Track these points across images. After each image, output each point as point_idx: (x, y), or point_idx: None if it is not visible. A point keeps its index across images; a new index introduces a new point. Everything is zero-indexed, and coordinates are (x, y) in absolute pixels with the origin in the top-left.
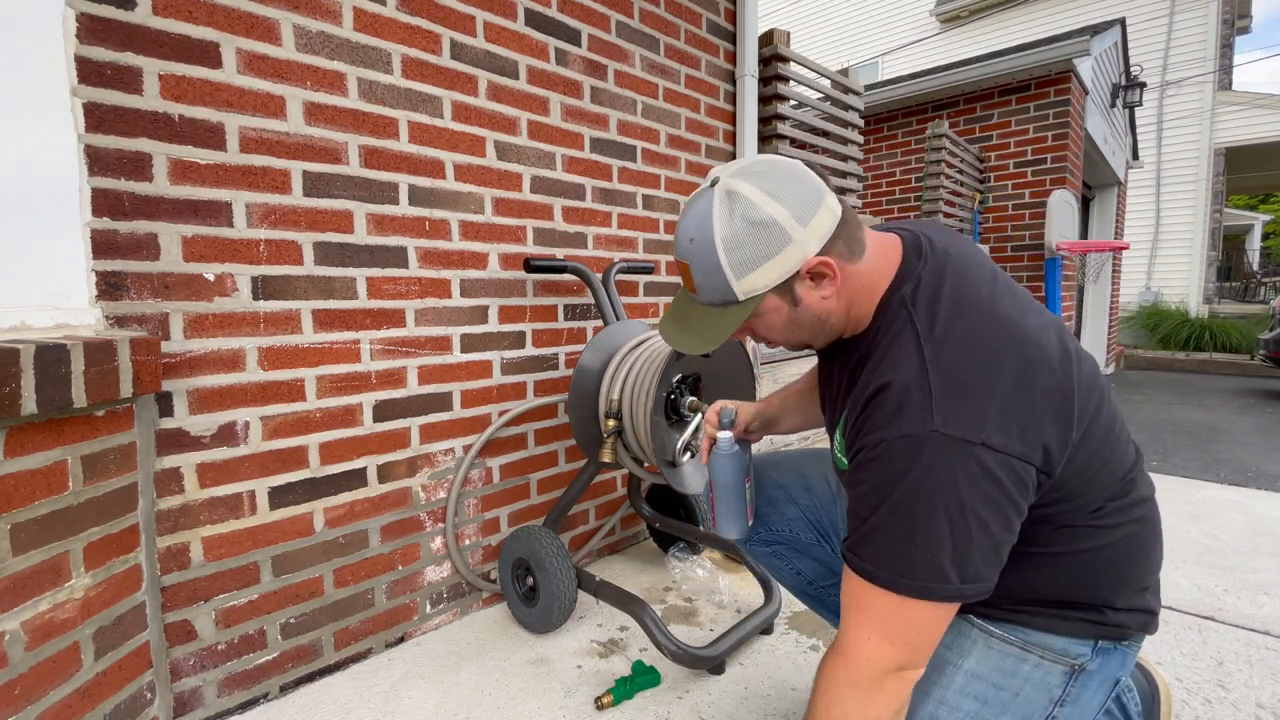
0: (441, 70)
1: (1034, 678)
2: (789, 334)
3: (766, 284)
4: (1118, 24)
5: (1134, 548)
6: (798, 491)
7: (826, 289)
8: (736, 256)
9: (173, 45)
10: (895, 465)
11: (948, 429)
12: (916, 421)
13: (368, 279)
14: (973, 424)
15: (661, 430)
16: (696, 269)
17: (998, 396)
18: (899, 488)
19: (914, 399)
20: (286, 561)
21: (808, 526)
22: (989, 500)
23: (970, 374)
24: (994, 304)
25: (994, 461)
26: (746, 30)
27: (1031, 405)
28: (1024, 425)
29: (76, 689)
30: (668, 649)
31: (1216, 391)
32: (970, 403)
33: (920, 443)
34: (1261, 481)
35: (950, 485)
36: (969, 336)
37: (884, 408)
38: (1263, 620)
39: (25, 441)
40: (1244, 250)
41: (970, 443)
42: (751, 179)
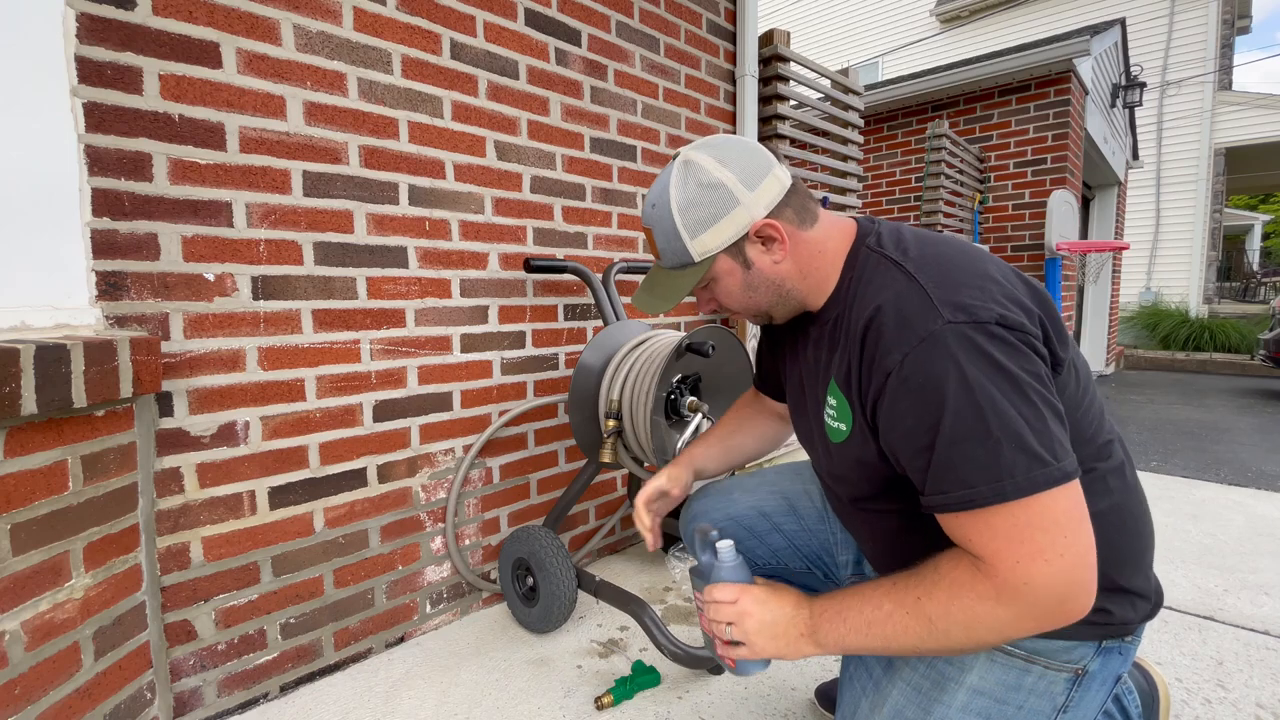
0: (441, 70)
1: (1038, 688)
2: (747, 298)
3: (718, 244)
4: (1118, 24)
5: (1127, 517)
6: (782, 517)
7: (776, 253)
8: (690, 217)
9: (173, 45)
10: (932, 370)
11: (958, 317)
12: (926, 321)
13: (368, 279)
14: (980, 307)
15: (661, 430)
16: (658, 233)
17: (989, 284)
18: (947, 390)
19: (913, 304)
20: (286, 561)
21: (795, 555)
22: (1031, 374)
23: (958, 272)
24: (959, 239)
25: (1015, 337)
26: (746, 30)
27: (1017, 289)
28: (1021, 304)
29: (76, 689)
30: (668, 649)
31: (1216, 391)
32: (968, 291)
33: (941, 338)
34: (1261, 481)
35: (992, 366)
36: (943, 252)
37: (886, 327)
38: (1263, 620)
39: (25, 441)
40: (1244, 250)
41: (985, 322)
42: (705, 149)
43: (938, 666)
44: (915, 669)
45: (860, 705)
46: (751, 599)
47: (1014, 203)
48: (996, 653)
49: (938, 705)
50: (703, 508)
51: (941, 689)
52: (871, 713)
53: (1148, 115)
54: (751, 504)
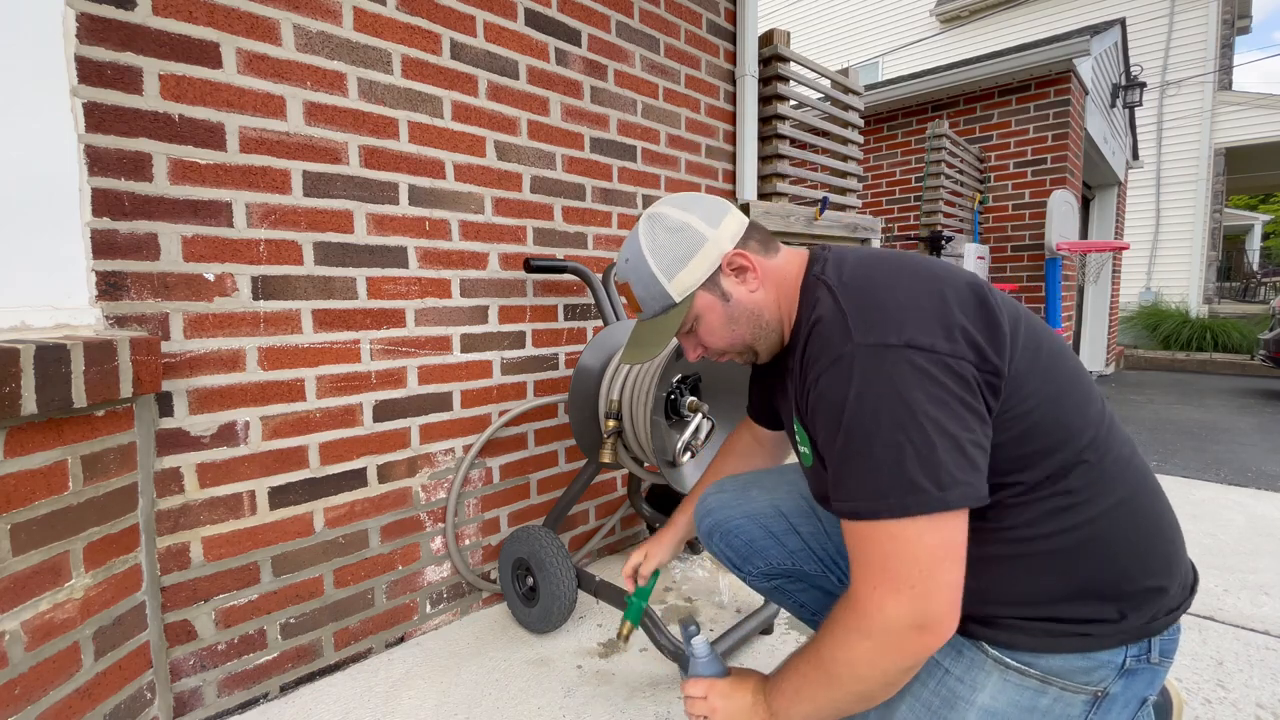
0: (441, 70)
1: (1054, 710)
2: (730, 332)
3: (694, 280)
4: (1118, 24)
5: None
6: (799, 519)
7: (750, 281)
8: (663, 259)
9: (173, 45)
10: (834, 391)
11: (867, 339)
12: (840, 343)
13: (368, 279)
14: (891, 330)
15: (661, 430)
16: (635, 283)
17: (912, 305)
18: (845, 411)
19: (833, 325)
20: (286, 561)
21: (811, 557)
22: (933, 398)
23: (880, 294)
24: (905, 256)
25: (924, 360)
26: (746, 30)
27: (948, 309)
28: (946, 324)
29: (76, 689)
30: (668, 649)
31: (1216, 391)
32: (884, 312)
33: (850, 360)
34: (1261, 481)
35: (889, 391)
36: (875, 272)
37: (811, 350)
38: (1263, 620)
39: (25, 441)
40: (1244, 250)
41: (893, 346)
42: (665, 204)
43: (948, 684)
44: (925, 686)
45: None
46: (718, 694)
47: (1014, 203)
48: (1010, 673)
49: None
50: (720, 503)
51: (952, 707)
52: None
53: (1148, 115)
54: (770, 502)
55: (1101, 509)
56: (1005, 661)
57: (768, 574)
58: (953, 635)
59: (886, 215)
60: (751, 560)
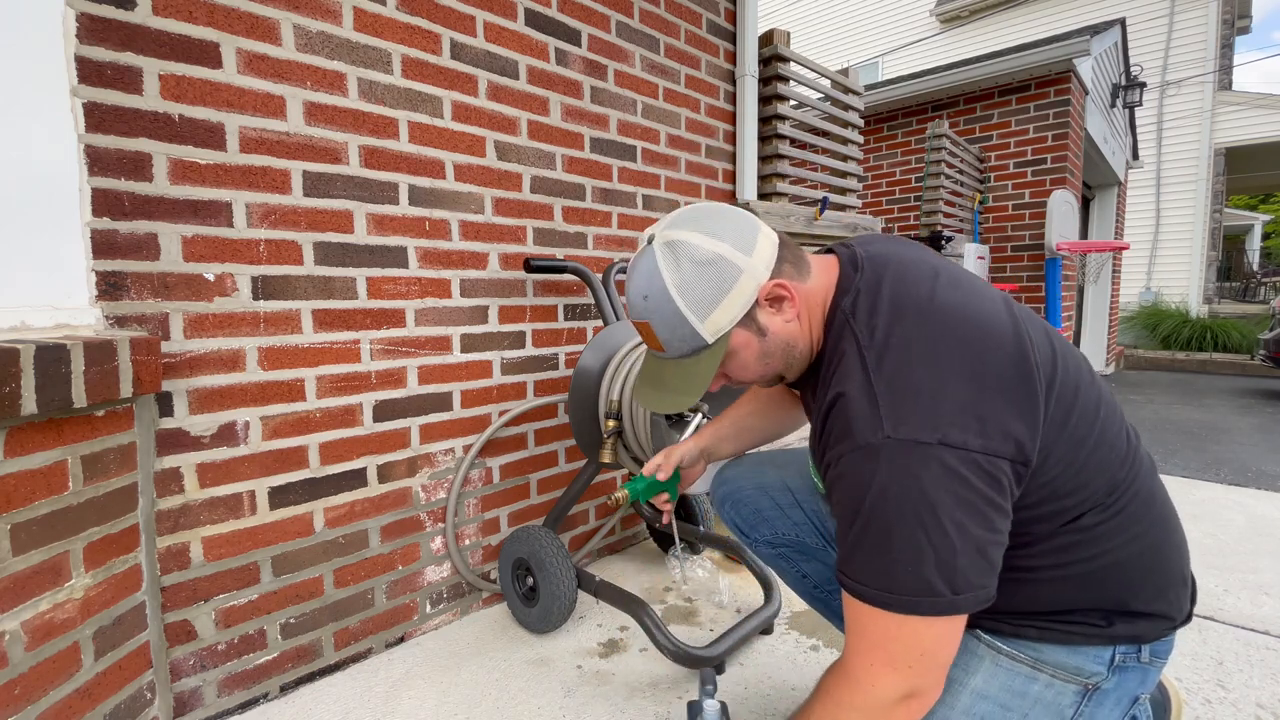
0: (441, 70)
1: (1044, 698)
2: (763, 368)
3: (730, 319)
4: (1118, 24)
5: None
6: (805, 494)
7: (788, 312)
8: (692, 298)
9: (173, 45)
10: (858, 479)
11: (899, 434)
12: (868, 431)
13: (368, 279)
14: (925, 425)
15: (662, 430)
16: (658, 324)
17: (949, 394)
18: (866, 501)
19: (862, 409)
20: (286, 561)
21: (813, 531)
22: (961, 501)
23: (916, 376)
24: (933, 300)
25: (956, 459)
26: (746, 30)
27: (988, 396)
28: (983, 417)
29: (76, 689)
30: (668, 649)
31: (1216, 391)
32: (920, 404)
33: (875, 452)
34: (1261, 481)
35: (915, 491)
36: (909, 339)
37: (838, 422)
38: (1263, 620)
39: (25, 441)
40: (1244, 250)
41: (926, 444)
42: (685, 225)
43: None
44: None
45: None
46: None
47: (1014, 203)
48: (1002, 658)
49: (941, 706)
50: (735, 474)
51: (946, 690)
52: None
53: (1148, 115)
54: (780, 478)
55: (1111, 546)
56: (998, 647)
57: (772, 542)
58: None
59: (886, 215)
60: (758, 528)
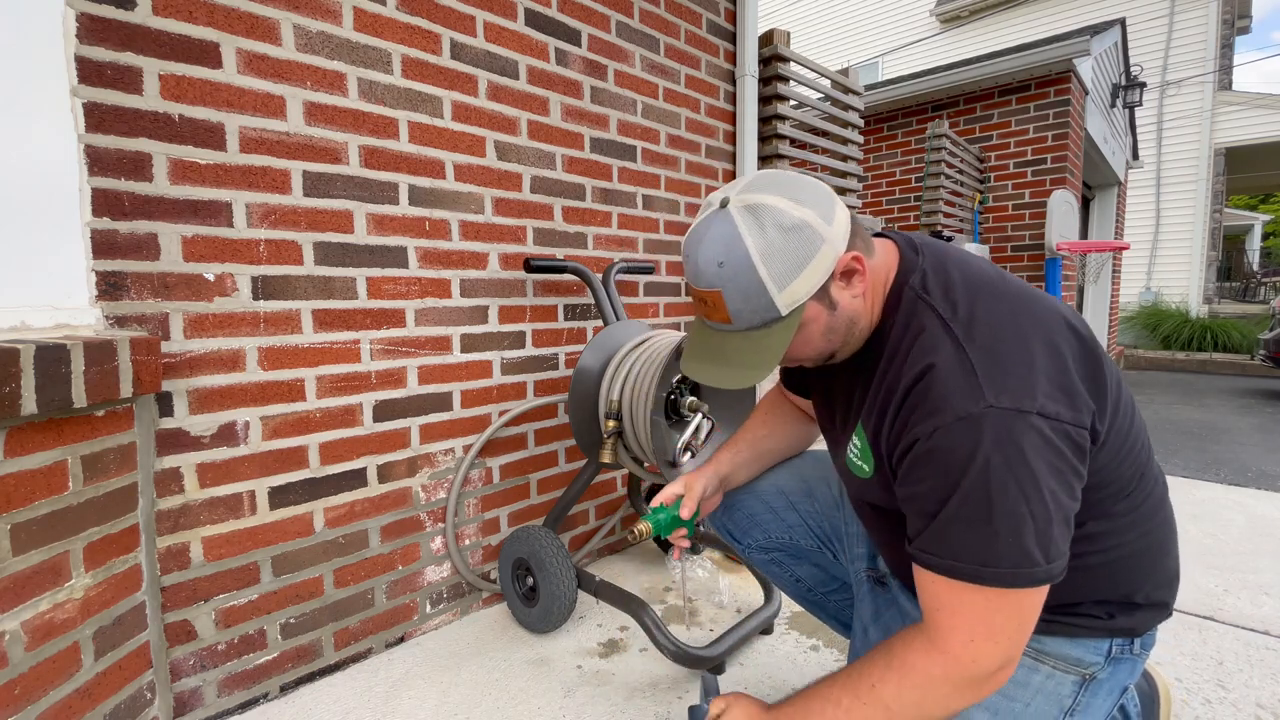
0: (441, 70)
1: (1045, 688)
2: (824, 344)
3: (808, 291)
4: (1118, 24)
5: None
6: (798, 497)
7: (857, 287)
8: (776, 268)
9: (173, 45)
10: (958, 450)
11: (1001, 402)
12: (969, 400)
13: (368, 279)
14: (1025, 394)
15: (661, 430)
16: (732, 292)
17: (1039, 366)
18: (968, 473)
19: (960, 378)
20: (286, 561)
21: (808, 533)
22: (1054, 470)
23: (1007, 348)
24: (1004, 280)
25: (1051, 430)
26: (746, 30)
27: (1069, 373)
28: (1069, 391)
29: (76, 689)
30: (668, 649)
31: (1216, 391)
32: (1017, 373)
33: (979, 421)
34: (1261, 481)
35: (1018, 460)
36: (993, 314)
37: (930, 394)
38: (1263, 620)
39: (25, 441)
40: (1244, 250)
41: (1026, 413)
42: (767, 190)
43: None
44: None
45: None
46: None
47: (1014, 203)
48: None
49: None
50: None
51: None
52: None
53: (1148, 115)
54: (772, 482)
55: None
56: None
57: (765, 547)
58: None
59: (886, 215)
60: (750, 533)
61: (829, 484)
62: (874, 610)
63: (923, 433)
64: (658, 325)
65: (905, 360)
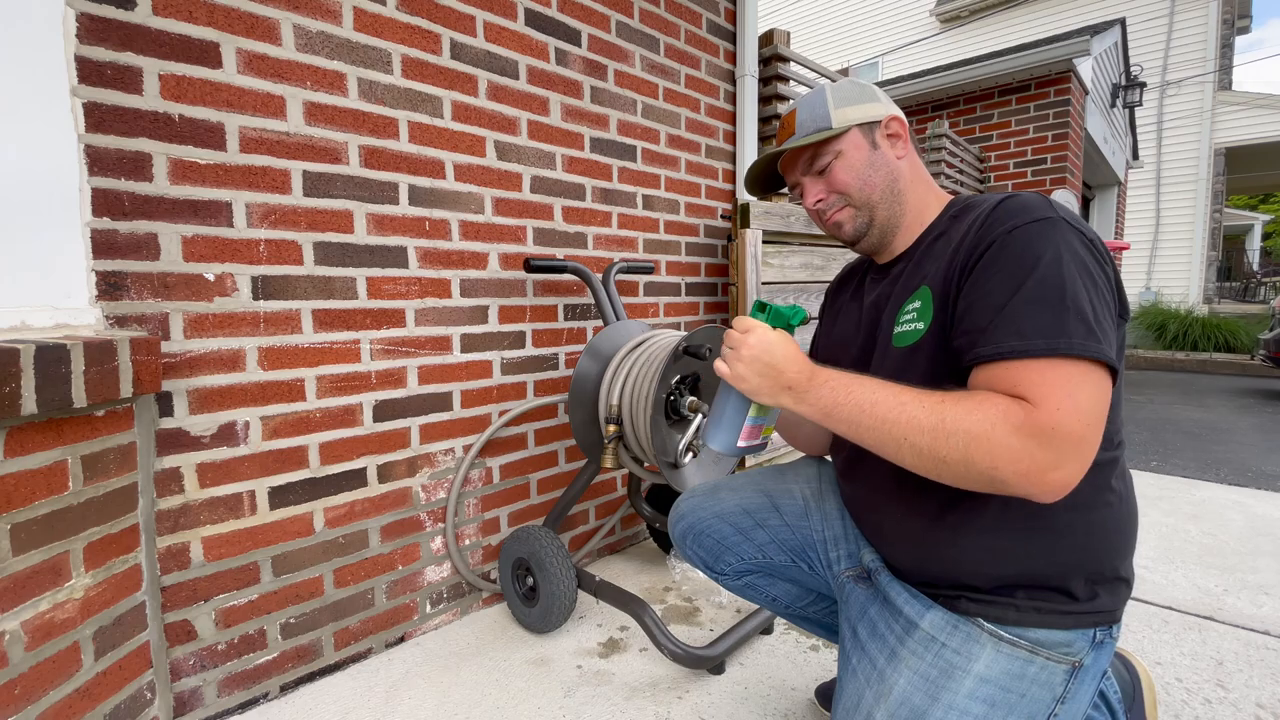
0: (441, 70)
1: (1040, 678)
2: (867, 178)
3: (857, 118)
4: (1118, 24)
5: (1131, 512)
6: (764, 514)
7: (900, 149)
8: (840, 94)
9: (173, 45)
10: (1034, 242)
11: (1070, 219)
12: (1044, 211)
13: (368, 279)
14: (1084, 224)
15: (662, 430)
16: (802, 107)
17: None
18: (1040, 261)
19: (1035, 200)
20: (286, 561)
21: (779, 548)
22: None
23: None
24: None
25: (1102, 251)
26: (746, 30)
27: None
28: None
29: (76, 689)
30: (668, 649)
31: (1216, 391)
32: (1074, 216)
33: (1053, 224)
34: (1261, 481)
35: (1083, 260)
36: None
37: (1007, 209)
38: (1263, 620)
39: (25, 441)
40: (1244, 250)
41: (1086, 234)
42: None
43: (945, 657)
44: (923, 659)
45: (864, 696)
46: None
47: None
48: (1003, 644)
49: (945, 692)
50: (691, 506)
51: (949, 676)
52: (877, 702)
53: (1148, 115)
54: (737, 502)
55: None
56: (999, 634)
57: (739, 571)
58: (948, 614)
59: None
60: (723, 558)
61: (793, 495)
62: (860, 608)
63: (1003, 231)
64: (658, 325)
65: (979, 207)
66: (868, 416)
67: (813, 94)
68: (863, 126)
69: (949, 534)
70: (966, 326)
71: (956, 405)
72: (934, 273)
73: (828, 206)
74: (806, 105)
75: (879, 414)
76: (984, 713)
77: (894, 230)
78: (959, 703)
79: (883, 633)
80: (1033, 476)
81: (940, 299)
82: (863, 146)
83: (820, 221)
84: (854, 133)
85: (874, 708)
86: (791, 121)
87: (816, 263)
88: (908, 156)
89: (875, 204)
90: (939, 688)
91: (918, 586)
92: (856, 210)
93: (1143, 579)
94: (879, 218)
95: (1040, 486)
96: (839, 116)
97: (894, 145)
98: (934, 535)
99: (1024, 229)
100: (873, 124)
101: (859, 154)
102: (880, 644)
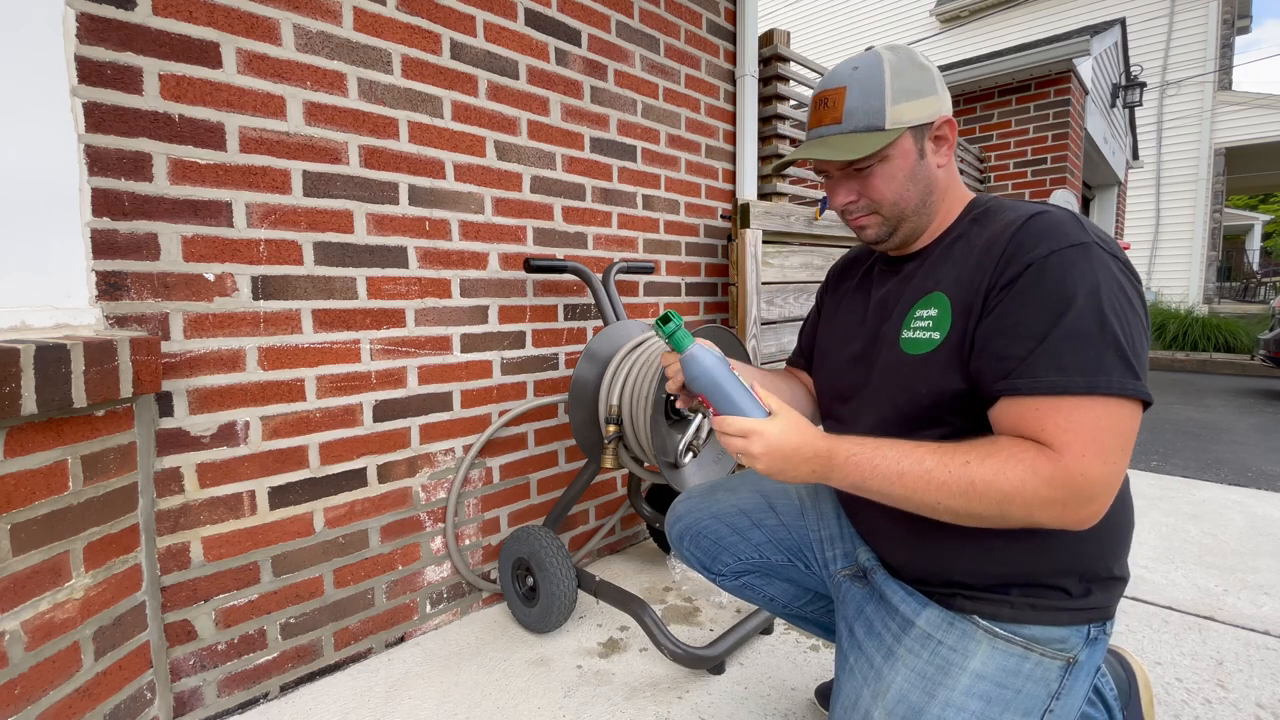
0: (441, 70)
1: (1035, 675)
2: (905, 190)
3: (912, 119)
4: (1118, 24)
5: (1126, 510)
6: (760, 513)
7: (943, 156)
8: (899, 83)
9: (173, 45)
10: (1070, 274)
11: (1105, 243)
12: (1079, 234)
13: (368, 279)
14: (1118, 248)
15: (662, 430)
16: (855, 90)
17: None
18: (1079, 293)
19: (1068, 221)
20: (286, 561)
21: (775, 548)
22: (1139, 308)
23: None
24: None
25: (1135, 278)
26: (746, 30)
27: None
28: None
29: (76, 689)
30: (668, 649)
31: (1216, 391)
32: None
33: (1090, 250)
34: (1261, 481)
35: (1121, 290)
36: None
37: (1039, 229)
38: (1263, 620)
39: (25, 441)
40: (1244, 250)
41: (1121, 259)
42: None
43: (941, 654)
44: (919, 657)
45: (861, 695)
46: (766, 426)
47: None
48: (999, 640)
49: (942, 689)
50: (688, 508)
51: (946, 673)
52: (874, 700)
53: (1148, 115)
54: (733, 503)
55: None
56: (995, 631)
57: (736, 571)
58: (944, 612)
59: None
60: (720, 559)
61: (789, 495)
62: (856, 606)
63: (1038, 256)
64: None
65: (1002, 219)
66: (897, 487)
67: (868, 72)
68: (914, 130)
69: (944, 532)
70: (998, 352)
71: (983, 465)
72: (952, 280)
73: (856, 210)
74: (860, 89)
75: (908, 484)
76: (980, 709)
77: (916, 236)
78: (956, 699)
79: (879, 631)
80: (1067, 517)
81: (961, 311)
82: (910, 154)
83: (843, 219)
84: (905, 137)
85: (871, 706)
86: (839, 103)
87: (816, 263)
88: (948, 164)
89: (905, 217)
90: (936, 685)
91: (913, 585)
92: (884, 219)
93: (1143, 579)
94: (904, 228)
95: (1073, 523)
96: (894, 115)
97: (938, 151)
98: (929, 534)
99: (1060, 255)
100: (925, 126)
101: (904, 163)
102: (877, 642)
